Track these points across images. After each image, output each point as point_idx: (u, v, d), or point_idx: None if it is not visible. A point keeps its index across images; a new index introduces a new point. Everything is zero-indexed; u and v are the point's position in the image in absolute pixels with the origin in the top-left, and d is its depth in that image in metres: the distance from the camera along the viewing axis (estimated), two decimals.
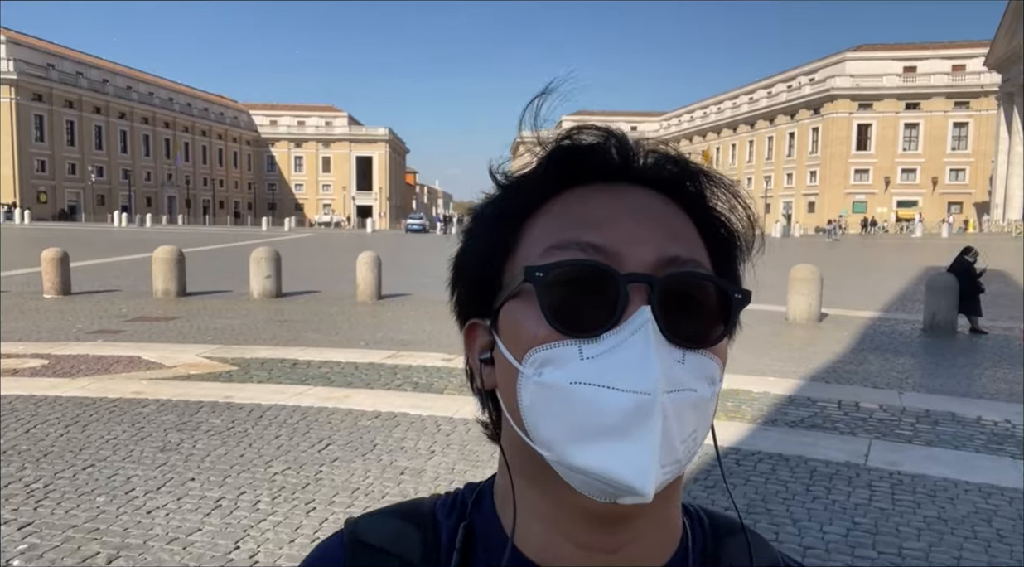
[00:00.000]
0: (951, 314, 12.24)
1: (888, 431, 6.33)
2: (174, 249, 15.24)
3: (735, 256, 0.60)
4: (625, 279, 0.51)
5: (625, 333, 0.50)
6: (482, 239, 0.61)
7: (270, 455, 5.25)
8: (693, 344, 0.52)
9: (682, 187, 0.59)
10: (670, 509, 0.60)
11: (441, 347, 10.05)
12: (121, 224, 60.09)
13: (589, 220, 0.56)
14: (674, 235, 0.56)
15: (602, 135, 0.60)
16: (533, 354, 0.52)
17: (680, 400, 0.50)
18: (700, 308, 0.54)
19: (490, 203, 0.62)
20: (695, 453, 0.53)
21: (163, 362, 8.67)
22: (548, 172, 0.60)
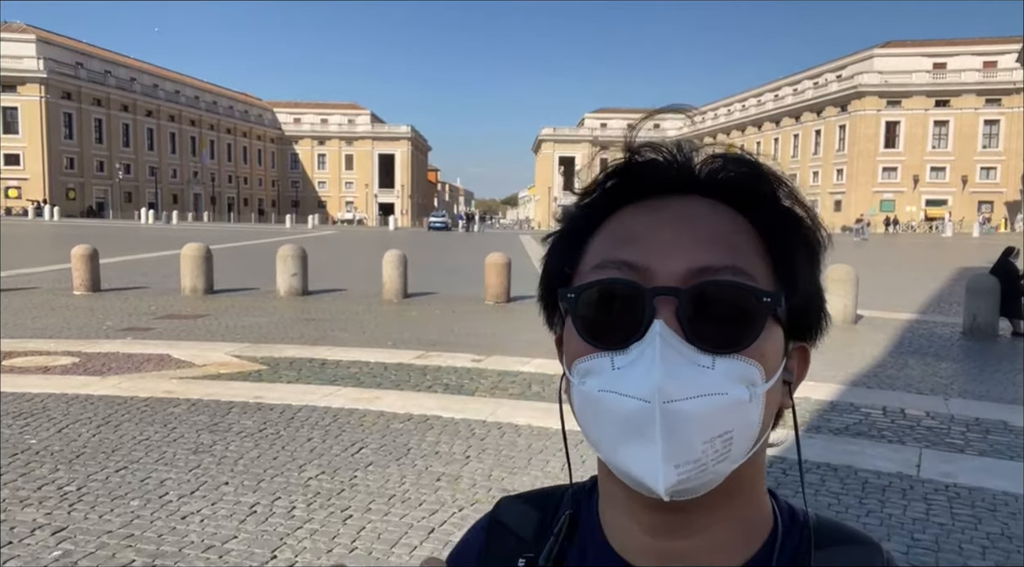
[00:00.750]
0: (992, 317, 11.89)
1: (938, 440, 6.09)
2: (201, 246, 15.28)
3: (796, 255, 0.60)
4: (651, 293, 0.55)
5: (645, 344, 0.54)
6: (553, 259, 0.65)
7: (303, 458, 5.15)
8: (722, 349, 0.54)
9: (738, 191, 0.60)
10: (745, 507, 0.61)
11: (470, 348, 9.94)
12: (148, 221, 60.80)
13: (629, 238, 0.59)
14: (711, 243, 0.57)
15: (661, 149, 0.62)
16: (577, 365, 0.58)
17: (698, 405, 0.53)
18: (732, 313, 0.55)
19: (561, 224, 0.66)
20: (734, 454, 0.55)
21: (193, 361, 8.63)
22: (602, 194, 0.63)
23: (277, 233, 46.52)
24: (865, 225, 58.14)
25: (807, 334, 0.63)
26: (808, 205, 0.62)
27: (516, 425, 6.15)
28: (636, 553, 0.62)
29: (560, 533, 0.67)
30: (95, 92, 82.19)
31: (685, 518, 0.59)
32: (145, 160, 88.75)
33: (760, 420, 0.56)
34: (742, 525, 0.62)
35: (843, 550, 0.62)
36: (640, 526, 0.61)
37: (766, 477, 0.65)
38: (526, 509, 0.72)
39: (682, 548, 0.60)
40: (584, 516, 0.68)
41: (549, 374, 8.26)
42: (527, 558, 0.67)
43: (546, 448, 5.55)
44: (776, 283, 0.59)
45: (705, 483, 0.55)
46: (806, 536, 0.63)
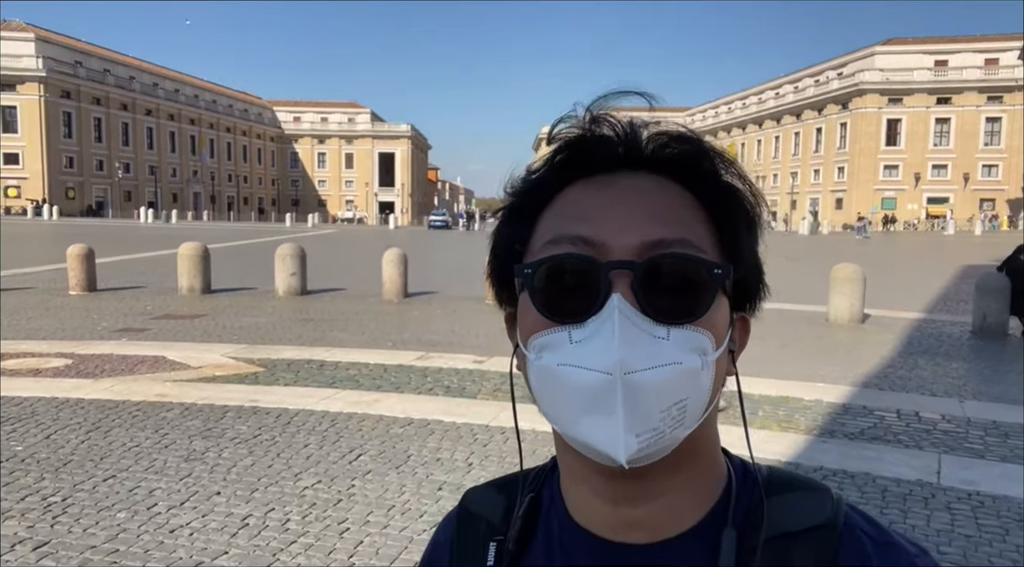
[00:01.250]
0: (1003, 316, 11.69)
1: (956, 445, 5.89)
2: (199, 245, 15.07)
3: (738, 228, 0.62)
4: (606, 267, 0.56)
5: (603, 318, 0.55)
6: (502, 236, 0.66)
7: (299, 466, 4.95)
8: (676, 320, 0.56)
9: (683, 166, 0.62)
10: (700, 468, 0.63)
11: (471, 348, 9.73)
12: (147, 220, 60.59)
13: (581, 213, 0.60)
14: (662, 218, 0.59)
15: (611, 126, 0.63)
16: (533, 340, 0.59)
17: (656, 375, 0.54)
18: (684, 285, 0.57)
19: (510, 202, 0.66)
20: (688, 421, 0.56)
21: (188, 362, 8.43)
22: (552, 170, 0.64)
23: (277, 232, 46.33)
24: (867, 223, 57.91)
25: (748, 304, 0.66)
26: (749, 180, 0.63)
27: (520, 430, 5.94)
28: (599, 524, 0.63)
29: (525, 514, 0.68)
30: (94, 91, 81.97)
31: (643, 485, 0.60)
32: (145, 159, 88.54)
33: (711, 387, 0.58)
34: (698, 486, 0.63)
35: (794, 496, 0.63)
36: (600, 497, 0.62)
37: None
38: (491, 494, 0.73)
39: (642, 514, 0.61)
40: (546, 496, 0.69)
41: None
42: (497, 540, 0.68)
43: (551, 453, 5.33)
44: (722, 256, 0.60)
45: (662, 449, 0.56)
46: (760, 488, 0.63)
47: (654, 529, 0.62)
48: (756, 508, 0.63)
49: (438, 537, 0.77)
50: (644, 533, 0.62)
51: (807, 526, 0.61)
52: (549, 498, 0.69)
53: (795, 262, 23.67)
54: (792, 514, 0.62)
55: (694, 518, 0.63)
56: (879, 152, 78.43)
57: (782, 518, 0.62)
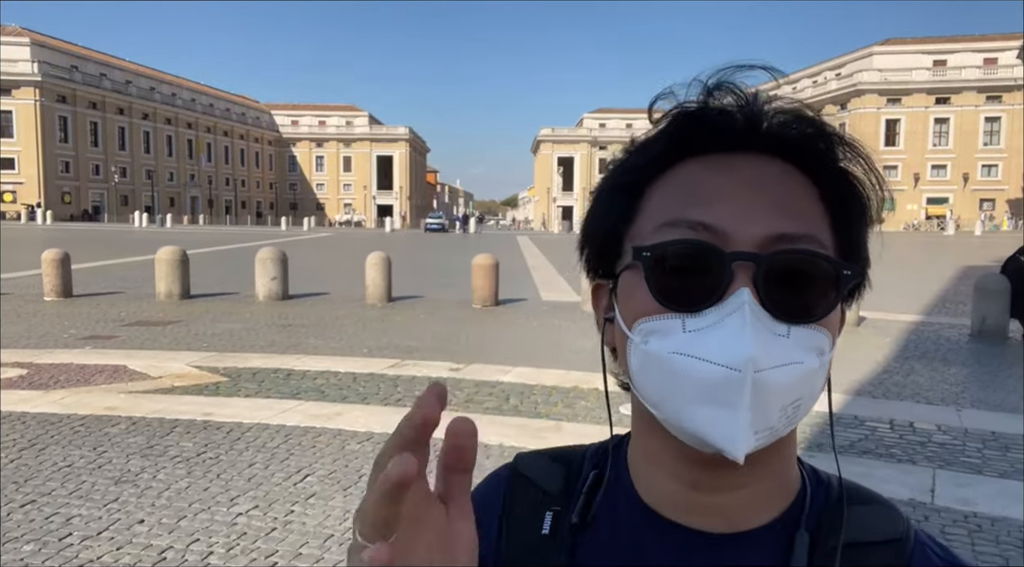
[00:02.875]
0: (1002, 319, 11.29)
1: (952, 459, 5.50)
2: (177, 250, 14.69)
3: (859, 222, 0.60)
4: (730, 258, 0.54)
5: (726, 310, 0.53)
6: (605, 205, 0.63)
7: (238, 489, 4.56)
8: (799, 319, 0.54)
9: (807, 151, 0.59)
10: (782, 465, 0.62)
11: (450, 355, 9.36)
12: (142, 224, 60.23)
13: (701, 196, 0.57)
14: (788, 209, 0.56)
15: (732, 98, 0.60)
16: (640, 324, 0.56)
17: (781, 374, 0.52)
18: (809, 283, 0.55)
19: (616, 168, 0.63)
20: (798, 419, 0.56)
21: (148, 372, 8.05)
22: (667, 142, 0.60)
23: (272, 236, 45.93)
24: None
25: (850, 298, 0.62)
26: (875, 168, 0.60)
27: (486, 445, 5.57)
28: (672, 507, 0.62)
29: (589, 489, 0.66)
30: (90, 95, 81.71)
31: (729, 475, 0.58)
32: (142, 163, 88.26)
33: (822, 387, 0.57)
34: (778, 483, 0.62)
35: (869, 508, 0.63)
36: (678, 481, 0.61)
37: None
38: (549, 464, 0.71)
39: (721, 503, 0.61)
40: (611, 474, 0.67)
41: (530, 385, 7.69)
42: (554, 511, 0.66)
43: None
44: (838, 252, 0.58)
45: (768, 444, 0.55)
46: (834, 494, 0.64)
47: (729, 519, 0.61)
48: (830, 514, 0.62)
49: (485, 490, 0.72)
50: (718, 521, 0.61)
51: (882, 538, 0.61)
52: (614, 477, 0.67)
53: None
54: (868, 525, 0.62)
55: (769, 515, 0.62)
56: (878, 152, 75.83)
57: (858, 527, 0.62)
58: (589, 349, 10.17)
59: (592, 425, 6.29)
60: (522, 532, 0.68)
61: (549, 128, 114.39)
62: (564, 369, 8.60)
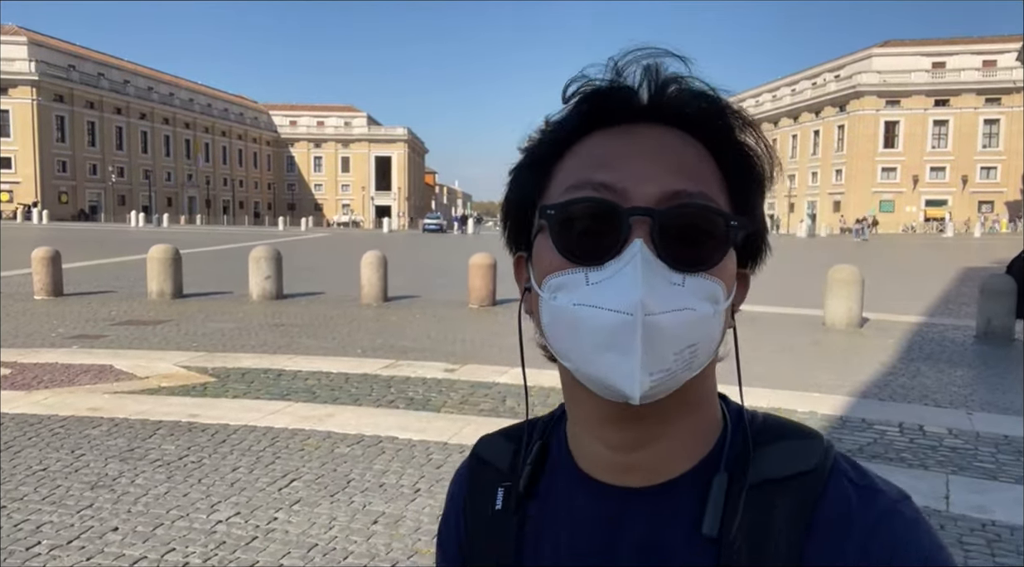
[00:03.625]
0: (1008, 320, 11.09)
1: (966, 464, 5.29)
2: (170, 248, 14.46)
3: (752, 188, 0.64)
4: (628, 213, 0.58)
5: (623, 261, 0.57)
6: (520, 180, 0.67)
7: (219, 495, 4.34)
8: (692, 268, 0.58)
9: (704, 124, 0.63)
10: (697, 413, 0.65)
11: (445, 355, 9.15)
12: (138, 224, 59.94)
13: (604, 161, 0.61)
14: (683, 170, 0.60)
15: (634, 75, 0.64)
16: (549, 280, 0.60)
17: (672, 318, 0.56)
18: (701, 235, 0.58)
19: (530, 146, 0.68)
20: (697, 364, 0.59)
21: (135, 372, 7.83)
22: (575, 116, 0.65)
23: (269, 236, 45.67)
24: (867, 226, 57.32)
25: (750, 262, 0.67)
26: (765, 140, 0.64)
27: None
28: (600, 469, 0.66)
29: (533, 461, 0.70)
30: (88, 95, 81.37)
31: (643, 429, 0.62)
32: (139, 163, 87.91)
33: (719, 334, 0.60)
34: (695, 431, 0.65)
35: (783, 444, 0.64)
36: (601, 442, 0.64)
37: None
38: (501, 442, 0.75)
39: (639, 458, 0.64)
40: (554, 444, 0.71)
41: (529, 385, 7.47)
42: (505, 487, 0.70)
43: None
44: (735, 212, 0.62)
45: (670, 388, 0.58)
46: (751, 435, 0.65)
47: (650, 472, 0.64)
48: (744, 455, 0.64)
49: (452, 489, 0.78)
50: (640, 476, 0.64)
51: (792, 472, 0.62)
52: (556, 446, 0.70)
53: (791, 263, 23.11)
54: (778, 461, 0.63)
55: (689, 463, 0.64)
56: (877, 154, 77.88)
57: (768, 465, 0.63)
58: None
59: None
60: (478, 511, 0.73)
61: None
62: None
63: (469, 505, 0.74)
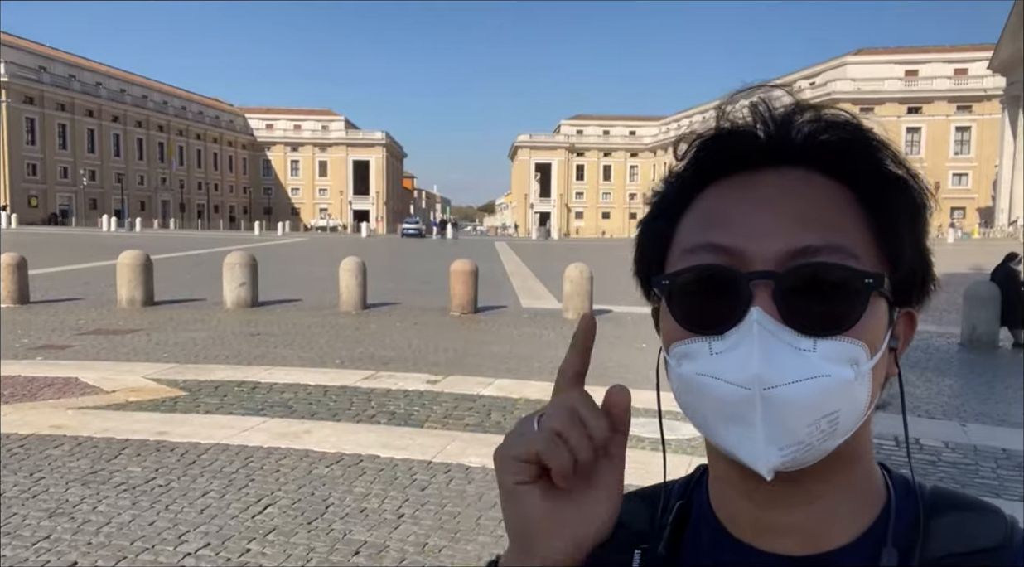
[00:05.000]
0: (993, 326, 11.09)
1: (967, 480, 5.15)
2: (140, 254, 14.04)
3: (903, 223, 0.58)
4: (746, 278, 0.54)
5: (743, 331, 0.53)
6: (645, 236, 0.64)
7: (188, 523, 4.05)
8: (824, 332, 0.53)
9: (839, 157, 0.58)
10: (855, 475, 0.60)
11: (428, 366, 8.89)
12: (110, 228, 58.85)
13: (719, 218, 0.57)
14: (809, 221, 0.55)
15: (754, 115, 0.60)
16: (674, 348, 0.57)
17: (800, 389, 0.52)
18: (832, 294, 0.54)
19: (654, 199, 0.65)
20: (840, 432, 0.54)
21: (102, 386, 7.47)
22: (692, 169, 0.61)
23: (245, 241, 45.00)
24: None
25: (913, 300, 0.61)
26: (911, 167, 0.59)
27: (467, 467, 5.11)
28: (746, 529, 0.61)
29: (674, 520, 0.66)
30: (59, 97, 79.95)
31: (793, 488, 0.57)
32: (111, 166, 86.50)
33: (868, 396, 0.55)
34: (854, 494, 0.60)
35: (962, 515, 0.59)
36: (747, 499, 0.60)
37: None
38: (634, 505, 0.69)
39: (793, 521, 0.59)
40: (695, 503, 0.67)
41: (512, 398, 7.25)
42: (643, 549, 0.66)
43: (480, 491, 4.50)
44: (880, 255, 0.57)
45: (810, 459, 0.54)
46: (926, 504, 0.60)
47: (806, 540, 0.59)
48: (922, 526, 0.59)
49: None
50: (795, 543, 0.59)
51: (978, 547, 0.57)
52: (698, 506, 0.66)
53: None
54: (962, 534, 0.58)
55: (851, 533, 0.59)
56: None
57: (949, 538, 0.58)
58: None
59: None
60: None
61: (527, 134, 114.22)
62: (548, 381, 8.16)
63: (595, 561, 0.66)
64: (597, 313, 13.34)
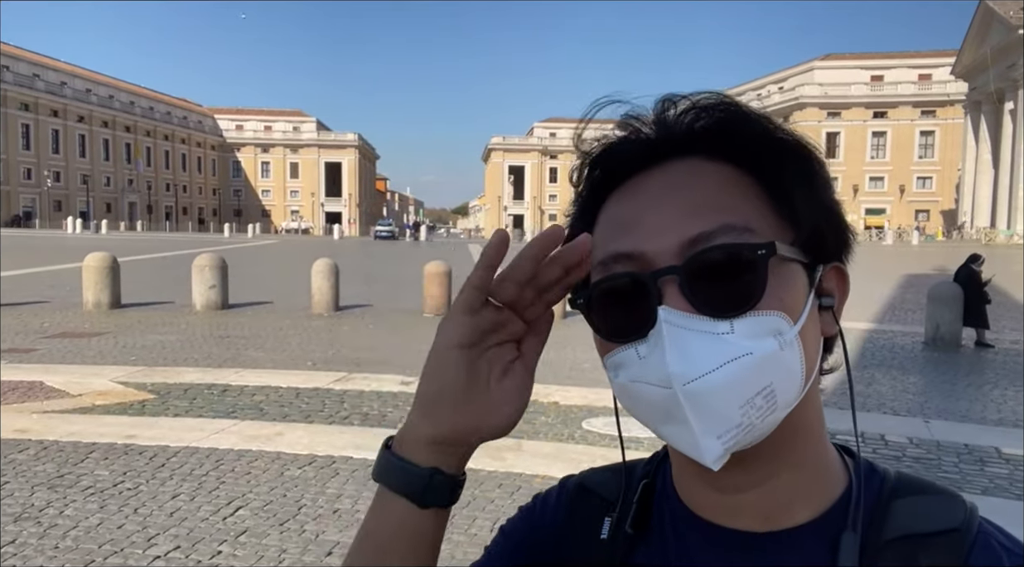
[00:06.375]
0: (956, 326, 11.33)
1: (930, 475, 5.25)
2: (107, 256, 13.80)
3: (790, 185, 0.58)
4: (651, 278, 0.54)
5: (657, 330, 0.53)
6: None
7: (157, 526, 4.00)
8: (736, 311, 0.53)
9: (716, 140, 0.58)
10: (806, 449, 0.60)
11: (401, 367, 8.86)
12: (75, 230, 57.73)
13: (618, 227, 0.58)
14: (697, 209, 0.56)
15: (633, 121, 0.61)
16: (607, 360, 0.58)
17: (724, 374, 0.52)
18: (734, 273, 0.54)
19: (570, 221, 0.65)
20: (779, 405, 0.54)
21: (68, 389, 7.34)
22: (588, 186, 0.63)
23: (214, 243, 44.41)
24: None
25: (833, 254, 0.61)
26: (792, 132, 0.60)
27: None
28: (708, 509, 0.62)
29: (640, 498, 0.67)
30: (22, 96, 78.30)
31: (747, 470, 0.58)
32: (76, 167, 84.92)
33: (801, 362, 0.55)
34: (808, 470, 0.60)
35: (923, 499, 0.60)
36: (706, 483, 0.61)
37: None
38: (608, 475, 0.73)
39: (750, 500, 0.59)
40: (659, 483, 0.68)
41: None
42: (611, 517, 0.68)
43: (474, 499, 4.52)
44: (780, 222, 0.57)
45: (756, 438, 0.54)
46: (889, 487, 0.60)
47: (765, 517, 0.60)
48: (882, 508, 0.59)
49: (549, 497, 0.75)
50: (754, 520, 0.60)
51: (937, 529, 0.57)
52: (662, 484, 0.68)
53: None
54: (921, 516, 0.58)
55: (810, 513, 0.60)
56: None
57: (909, 520, 0.58)
58: (547, 360, 9.76)
59: (553, 442, 5.89)
60: (582, 536, 0.69)
61: (500, 137, 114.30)
62: None
63: (569, 529, 0.71)
64: (570, 314, 13.39)
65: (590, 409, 6.83)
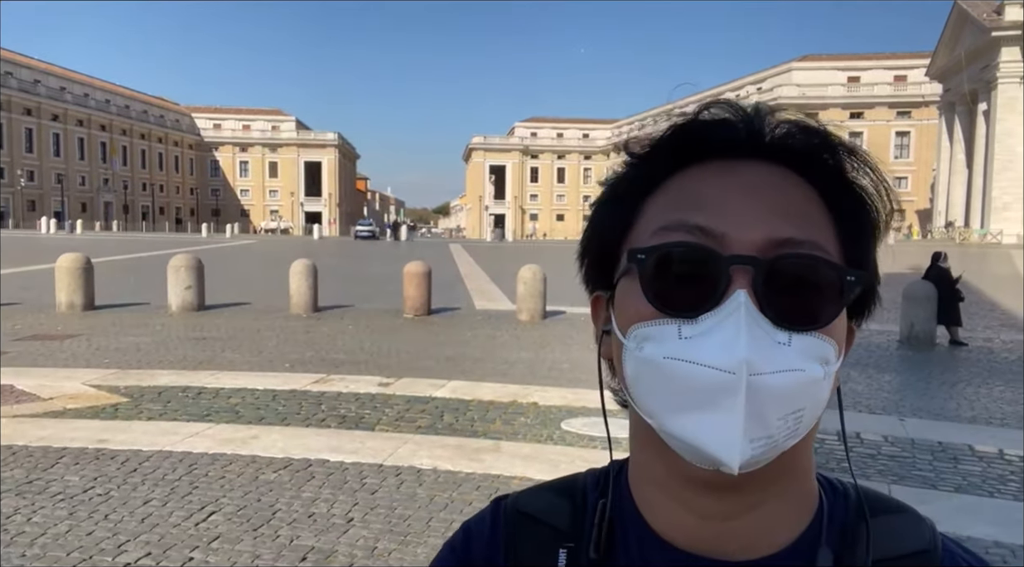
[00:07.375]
0: (930, 325, 11.48)
1: (905, 472, 5.32)
2: (80, 257, 13.59)
3: (865, 235, 0.58)
4: (727, 261, 0.52)
5: (722, 315, 0.51)
6: (605, 215, 0.62)
7: (128, 533, 3.93)
8: (801, 326, 0.52)
9: (812, 160, 0.57)
10: (796, 482, 0.59)
11: (379, 369, 8.81)
12: (50, 231, 56.88)
13: (700, 200, 0.56)
14: (791, 214, 0.55)
15: (731, 110, 0.60)
16: (635, 330, 0.55)
17: (780, 379, 0.50)
18: (812, 289, 0.53)
19: (616, 179, 0.63)
20: (801, 431, 0.53)
21: (39, 393, 7.21)
22: (666, 151, 0.60)
23: (191, 243, 43.94)
24: None
25: (859, 315, 0.61)
26: (882, 178, 0.58)
27: (418, 469, 5.08)
28: (684, 537, 0.59)
29: (600, 521, 0.62)
30: None
31: (738, 498, 0.56)
32: (51, 166, 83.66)
33: (827, 397, 0.55)
34: (793, 500, 0.59)
35: (894, 518, 0.60)
36: (689, 509, 0.57)
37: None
38: (554, 498, 0.67)
39: (734, 528, 0.57)
40: (616, 503, 0.63)
41: (465, 400, 7.22)
42: (568, 547, 0.63)
43: (452, 502, 4.49)
44: (845, 262, 0.56)
45: (769, 457, 0.53)
46: (853, 506, 0.61)
47: (747, 546, 0.58)
48: (852, 528, 0.59)
49: (481, 528, 0.68)
50: (736, 549, 0.58)
51: (910, 551, 0.59)
52: (619, 506, 0.63)
53: None
54: (893, 537, 0.59)
55: (789, 536, 0.59)
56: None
57: (885, 541, 0.59)
58: (526, 360, 9.78)
59: (532, 444, 5.87)
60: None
61: (481, 136, 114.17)
62: (501, 382, 8.18)
63: (515, 560, 0.65)
64: (551, 314, 13.42)
65: (569, 410, 6.82)
